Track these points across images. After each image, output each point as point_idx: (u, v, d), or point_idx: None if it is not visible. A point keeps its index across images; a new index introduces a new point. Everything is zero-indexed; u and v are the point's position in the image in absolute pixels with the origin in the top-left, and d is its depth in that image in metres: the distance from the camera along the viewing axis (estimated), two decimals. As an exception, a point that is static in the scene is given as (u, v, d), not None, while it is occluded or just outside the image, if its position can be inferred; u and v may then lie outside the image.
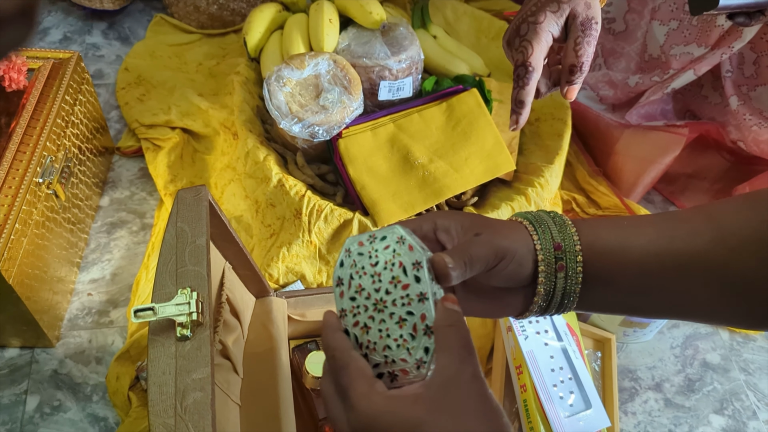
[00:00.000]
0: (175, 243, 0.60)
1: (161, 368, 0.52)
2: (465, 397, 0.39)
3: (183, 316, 0.54)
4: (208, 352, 0.53)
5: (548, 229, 0.48)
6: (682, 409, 1.00)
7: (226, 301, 0.72)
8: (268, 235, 1.01)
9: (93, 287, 1.03)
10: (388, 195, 0.97)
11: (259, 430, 0.73)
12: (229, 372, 0.73)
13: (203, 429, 0.49)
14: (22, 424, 0.89)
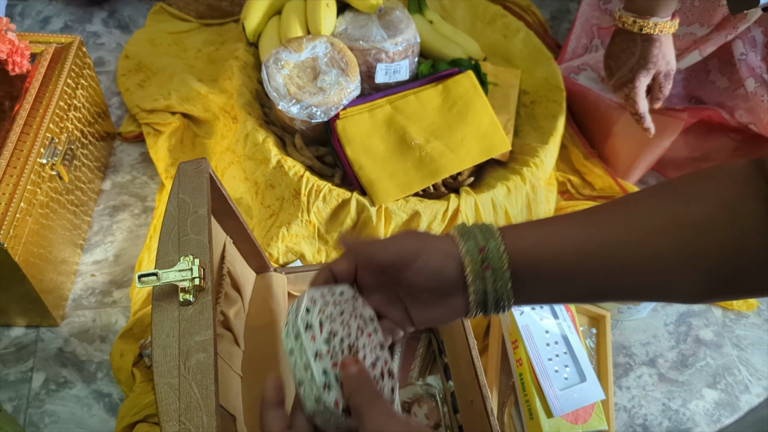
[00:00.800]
0: (177, 213, 0.62)
1: (165, 331, 0.54)
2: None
3: (185, 281, 0.55)
4: (210, 316, 0.55)
5: (474, 236, 0.51)
6: (676, 384, 1.02)
7: (227, 274, 0.74)
8: (267, 216, 1.03)
9: (96, 268, 1.05)
10: (386, 175, 0.99)
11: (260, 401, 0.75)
12: (230, 343, 0.75)
13: (206, 387, 0.51)
14: (29, 401, 0.91)
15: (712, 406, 0.99)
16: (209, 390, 0.51)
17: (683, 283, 0.50)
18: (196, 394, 0.51)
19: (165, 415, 0.50)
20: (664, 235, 0.49)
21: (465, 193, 1.00)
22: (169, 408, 0.50)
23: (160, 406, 0.50)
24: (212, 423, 0.49)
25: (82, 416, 0.90)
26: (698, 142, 1.27)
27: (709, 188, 0.49)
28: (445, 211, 0.98)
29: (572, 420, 0.89)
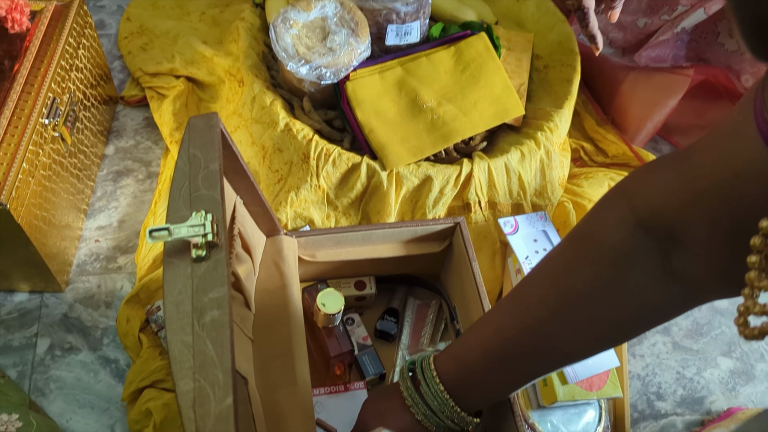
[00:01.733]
0: (188, 169, 0.59)
1: (177, 288, 0.52)
2: None
3: (198, 237, 0.53)
4: (225, 273, 0.53)
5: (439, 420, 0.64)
6: (690, 352, 1.00)
7: (238, 235, 0.72)
8: (275, 181, 1.00)
9: (100, 234, 1.03)
10: (397, 139, 0.96)
11: (271, 366, 0.73)
12: (241, 306, 0.73)
13: (222, 345, 0.49)
14: (33, 366, 0.89)
15: (727, 375, 0.98)
16: (224, 347, 0.49)
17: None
18: (210, 351, 0.49)
19: (179, 373, 0.48)
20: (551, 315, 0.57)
21: (478, 158, 0.98)
22: (183, 365, 0.48)
23: (173, 363, 0.49)
24: (228, 380, 0.47)
25: (89, 382, 0.89)
26: (704, 108, 1.25)
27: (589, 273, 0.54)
28: (457, 176, 0.96)
29: (587, 387, 0.88)
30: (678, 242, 0.48)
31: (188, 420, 0.46)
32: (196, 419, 0.46)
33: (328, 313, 0.80)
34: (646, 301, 0.52)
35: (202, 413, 0.46)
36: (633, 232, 0.50)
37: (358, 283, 0.93)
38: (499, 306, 0.62)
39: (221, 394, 0.47)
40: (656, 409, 0.94)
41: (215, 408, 0.46)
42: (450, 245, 0.90)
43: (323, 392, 0.84)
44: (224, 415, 0.46)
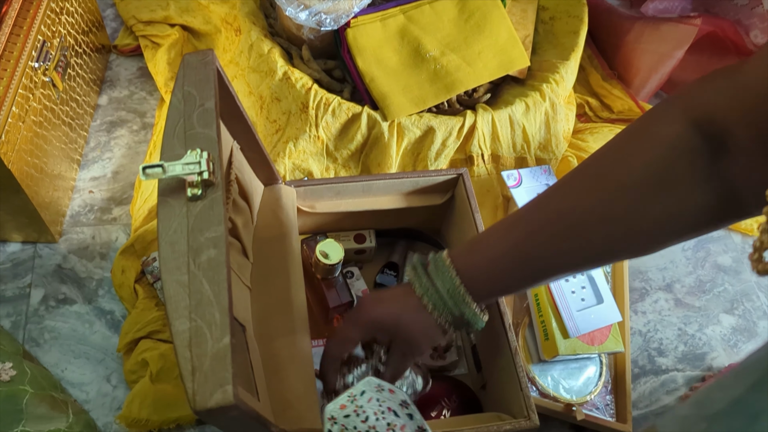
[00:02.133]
0: (183, 107, 0.57)
1: (172, 227, 0.50)
2: None
3: (193, 174, 0.51)
4: (221, 212, 0.51)
5: (432, 285, 0.60)
6: (693, 309, 0.99)
7: (235, 181, 0.69)
8: (273, 131, 0.98)
9: (94, 185, 1.01)
10: (399, 88, 0.93)
11: (269, 315, 0.72)
12: (239, 254, 0.71)
13: (219, 284, 0.47)
14: (27, 317, 0.88)
15: (729, 332, 0.97)
16: (221, 286, 0.47)
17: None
18: (207, 290, 0.47)
19: (174, 313, 0.46)
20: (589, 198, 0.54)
21: (482, 110, 0.95)
22: (179, 305, 0.47)
23: (168, 303, 0.47)
24: (225, 320, 0.45)
25: (84, 333, 0.87)
26: (710, 64, 1.22)
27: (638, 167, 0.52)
28: (460, 128, 0.94)
29: (588, 341, 0.87)
30: (726, 146, 0.48)
31: (184, 359, 0.44)
32: (192, 359, 0.44)
33: (328, 263, 0.78)
34: (690, 201, 0.50)
35: (198, 353, 0.44)
36: (687, 128, 0.50)
37: (357, 237, 0.92)
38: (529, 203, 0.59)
39: (218, 334, 0.45)
40: (657, 365, 0.93)
41: (212, 347, 0.45)
42: (452, 198, 0.88)
43: (322, 344, 0.83)
44: (221, 355, 0.44)
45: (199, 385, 0.43)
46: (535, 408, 0.68)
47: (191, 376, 0.44)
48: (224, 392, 0.43)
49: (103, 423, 0.81)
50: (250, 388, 0.62)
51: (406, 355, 0.64)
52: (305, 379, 0.68)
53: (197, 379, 0.44)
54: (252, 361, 0.65)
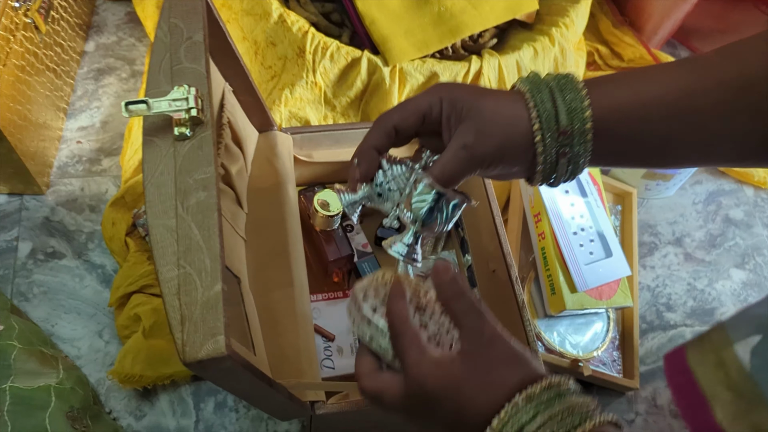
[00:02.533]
0: (169, 40, 0.53)
1: (158, 169, 0.47)
2: (492, 354, 0.42)
3: (181, 112, 0.47)
4: (211, 152, 0.47)
5: (547, 92, 0.44)
6: (702, 263, 0.96)
7: (228, 126, 0.65)
8: (269, 78, 0.93)
9: (82, 135, 0.97)
10: (400, 32, 0.88)
11: (266, 267, 0.69)
12: (233, 203, 0.68)
13: (209, 228, 0.44)
14: (15, 271, 0.85)
15: (739, 286, 0.94)
16: (212, 231, 0.44)
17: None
18: (196, 235, 0.44)
19: (161, 259, 0.43)
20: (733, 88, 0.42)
21: (488, 55, 0.91)
22: (166, 251, 0.43)
23: (155, 249, 0.44)
24: (216, 266, 0.42)
25: (74, 287, 0.84)
26: (725, 12, 1.17)
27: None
28: (465, 74, 0.89)
29: (596, 296, 0.84)
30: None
31: (173, 309, 0.41)
32: (181, 307, 0.41)
33: (327, 214, 0.75)
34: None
35: (187, 301, 0.41)
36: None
37: (357, 188, 0.88)
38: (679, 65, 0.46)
39: (209, 281, 0.42)
40: (665, 320, 0.91)
41: (202, 295, 0.41)
42: (456, 147, 0.84)
43: (321, 298, 0.80)
44: (212, 303, 0.41)
45: (189, 336, 0.40)
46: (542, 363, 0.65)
47: (180, 326, 0.41)
48: (216, 342, 0.40)
49: (95, 379, 0.79)
50: (246, 341, 0.59)
51: (468, 149, 0.45)
52: (304, 332, 0.65)
53: (187, 329, 0.40)
54: (247, 314, 0.62)
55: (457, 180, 0.47)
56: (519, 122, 0.45)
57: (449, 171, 0.46)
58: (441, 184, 0.46)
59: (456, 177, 0.46)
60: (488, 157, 0.45)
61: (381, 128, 0.49)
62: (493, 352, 0.42)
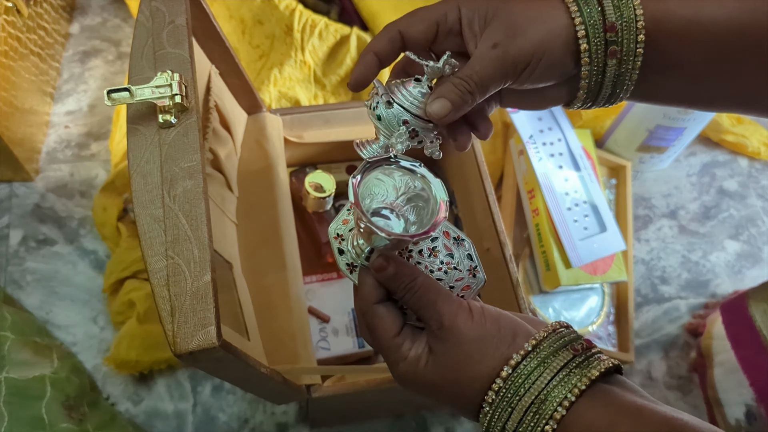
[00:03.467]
0: (151, 24, 0.51)
1: (144, 157, 0.46)
2: (457, 348, 0.40)
3: (165, 99, 0.46)
4: (196, 139, 0.46)
5: (598, 3, 0.39)
6: (697, 236, 0.96)
7: (215, 109, 0.64)
8: (257, 57, 0.92)
9: (70, 119, 0.95)
10: (390, 6, 0.87)
11: (258, 251, 0.68)
12: (223, 187, 0.67)
13: (196, 218, 0.43)
14: (8, 258, 0.84)
15: (733, 258, 0.95)
16: (199, 220, 0.43)
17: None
18: (184, 225, 0.43)
19: (149, 250, 0.42)
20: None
21: (478, 29, 0.89)
22: (154, 242, 0.43)
23: (143, 240, 0.43)
24: (205, 256, 0.42)
25: (67, 274, 0.84)
26: None
27: None
28: (456, 49, 0.88)
29: (591, 271, 0.84)
30: None
31: (162, 300, 0.41)
32: (171, 298, 0.41)
33: (319, 195, 0.74)
34: None
35: (176, 292, 0.41)
36: None
37: (349, 168, 0.87)
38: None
39: (198, 271, 0.41)
40: (660, 293, 0.91)
41: (192, 286, 0.41)
42: (448, 124, 0.83)
43: (315, 280, 0.79)
44: (202, 294, 0.41)
45: (180, 327, 0.40)
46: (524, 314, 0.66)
47: (170, 318, 0.40)
48: (206, 333, 0.40)
49: (92, 365, 0.79)
50: (239, 327, 0.59)
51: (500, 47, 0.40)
52: (298, 316, 0.65)
53: (177, 321, 0.40)
54: (240, 299, 0.62)
55: (488, 88, 0.40)
56: (558, 17, 0.40)
57: (479, 74, 0.40)
58: (471, 92, 0.40)
59: (486, 82, 0.40)
60: (523, 57, 0.39)
61: (385, 33, 0.44)
62: (458, 345, 0.40)
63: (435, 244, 0.45)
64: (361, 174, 0.40)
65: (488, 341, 0.39)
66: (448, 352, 0.40)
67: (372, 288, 0.42)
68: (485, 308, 0.41)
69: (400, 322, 0.42)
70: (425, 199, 0.41)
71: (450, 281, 0.45)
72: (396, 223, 0.42)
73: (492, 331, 0.40)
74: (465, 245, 0.46)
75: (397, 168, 0.42)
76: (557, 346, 0.39)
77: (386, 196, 0.42)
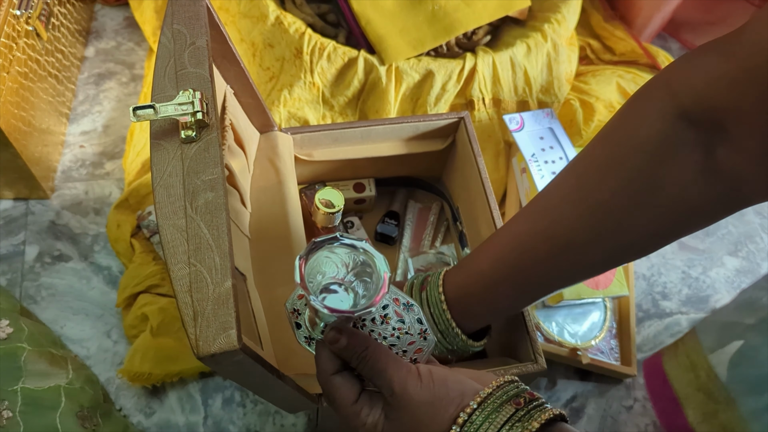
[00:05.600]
0: (173, 46, 0.54)
1: (167, 171, 0.48)
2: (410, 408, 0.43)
3: (187, 115, 0.49)
4: (218, 153, 0.48)
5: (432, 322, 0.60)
6: (696, 252, 0.98)
7: (230, 127, 0.67)
8: (267, 79, 0.95)
9: (85, 139, 0.98)
10: (396, 31, 0.90)
11: (270, 264, 0.70)
12: (237, 202, 0.69)
13: (218, 228, 0.45)
14: (23, 274, 0.86)
15: (732, 273, 0.96)
16: (221, 230, 0.45)
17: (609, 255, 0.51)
18: (206, 234, 0.45)
19: (173, 258, 0.45)
20: (575, 219, 0.50)
21: (482, 52, 0.92)
22: (177, 251, 0.45)
23: (166, 249, 0.45)
24: (226, 263, 0.44)
25: (81, 289, 0.86)
26: (714, 4, 1.18)
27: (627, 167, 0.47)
28: (460, 71, 0.91)
29: (593, 285, 0.86)
30: (725, 133, 0.42)
31: (185, 305, 0.43)
32: (194, 304, 0.43)
33: (328, 211, 0.76)
34: (684, 204, 0.46)
35: (199, 297, 0.43)
36: (674, 123, 0.44)
37: (357, 186, 0.90)
38: (516, 215, 0.57)
39: (219, 278, 0.44)
40: (661, 309, 0.93)
41: (213, 291, 0.43)
42: (453, 143, 0.86)
43: (324, 294, 0.81)
44: (223, 299, 0.43)
45: (202, 330, 0.42)
46: (542, 351, 0.67)
47: (193, 322, 0.42)
48: (228, 336, 0.42)
49: (105, 378, 0.80)
50: (253, 336, 0.61)
51: None
52: (309, 327, 0.66)
53: (200, 325, 0.42)
54: (254, 310, 0.64)
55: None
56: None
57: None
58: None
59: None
60: None
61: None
62: (409, 410, 0.43)
63: (386, 312, 0.49)
64: (306, 254, 0.44)
65: (437, 404, 0.43)
66: (401, 418, 0.43)
67: (328, 360, 0.46)
68: (433, 371, 0.45)
69: (357, 389, 0.46)
70: (370, 273, 0.45)
71: (403, 345, 0.48)
72: (345, 297, 0.46)
73: (440, 393, 0.43)
74: (414, 310, 0.50)
75: (341, 245, 0.45)
76: (501, 401, 0.42)
77: (336, 272, 0.46)
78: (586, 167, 0.51)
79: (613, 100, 1.03)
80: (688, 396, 0.69)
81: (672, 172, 0.45)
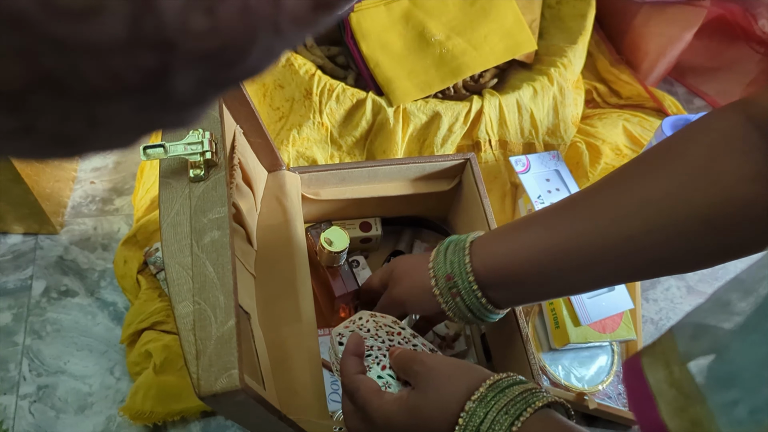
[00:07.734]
0: (184, 87, 0.55)
1: (174, 209, 0.49)
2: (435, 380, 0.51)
3: (196, 155, 0.50)
4: (225, 192, 0.49)
5: (443, 261, 0.61)
6: (705, 296, 0.97)
7: (239, 166, 0.68)
8: (277, 119, 0.96)
9: (95, 175, 0.99)
10: (404, 73, 0.92)
11: (275, 303, 0.70)
12: (243, 241, 0.70)
13: (223, 266, 0.46)
14: (29, 309, 0.87)
15: (742, 319, 0.95)
16: (226, 269, 0.46)
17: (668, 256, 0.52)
18: (211, 273, 0.46)
19: (177, 296, 0.45)
20: (632, 217, 0.50)
21: (489, 95, 0.94)
22: (182, 288, 0.45)
23: (171, 287, 0.45)
24: (230, 302, 0.44)
25: (86, 324, 0.86)
26: (719, 49, 1.20)
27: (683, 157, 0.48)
28: (467, 113, 0.92)
29: (600, 329, 0.85)
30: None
31: (188, 343, 0.43)
32: (197, 342, 0.43)
33: (333, 250, 0.77)
34: (740, 200, 0.46)
35: (202, 336, 0.43)
36: (742, 122, 0.46)
37: (363, 225, 0.90)
38: (552, 212, 0.56)
39: (223, 317, 0.44)
40: (670, 353, 0.92)
41: (217, 331, 0.43)
42: (459, 184, 0.86)
43: (328, 333, 0.81)
44: (226, 338, 0.43)
45: (204, 370, 0.42)
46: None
47: (195, 361, 0.42)
48: (230, 376, 0.41)
49: (106, 416, 0.80)
50: (256, 376, 0.61)
51: (395, 305, 0.66)
52: (312, 368, 0.66)
53: (202, 364, 0.42)
54: (257, 349, 0.63)
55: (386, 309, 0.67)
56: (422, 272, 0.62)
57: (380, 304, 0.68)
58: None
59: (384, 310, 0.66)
60: (398, 299, 0.65)
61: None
62: (436, 377, 0.50)
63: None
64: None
65: (464, 368, 0.52)
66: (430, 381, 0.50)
67: (353, 363, 0.56)
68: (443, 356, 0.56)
69: (378, 384, 0.54)
70: None
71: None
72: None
73: (462, 365, 0.52)
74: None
75: None
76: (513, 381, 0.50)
77: None
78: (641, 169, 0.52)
79: (620, 142, 1.04)
80: (662, 392, 0.69)
81: (732, 161, 0.46)
